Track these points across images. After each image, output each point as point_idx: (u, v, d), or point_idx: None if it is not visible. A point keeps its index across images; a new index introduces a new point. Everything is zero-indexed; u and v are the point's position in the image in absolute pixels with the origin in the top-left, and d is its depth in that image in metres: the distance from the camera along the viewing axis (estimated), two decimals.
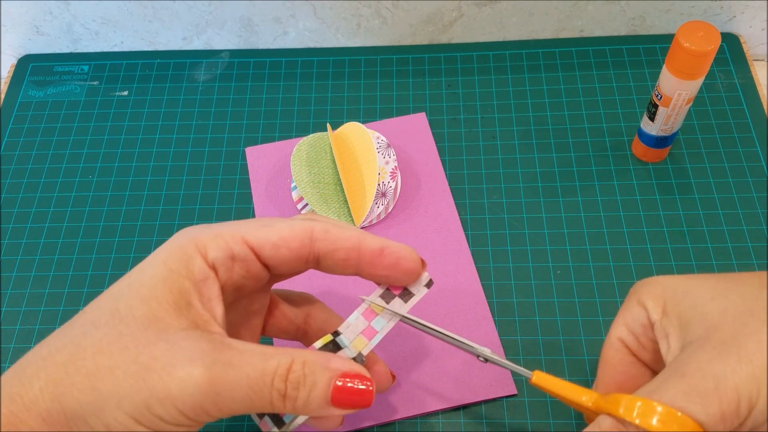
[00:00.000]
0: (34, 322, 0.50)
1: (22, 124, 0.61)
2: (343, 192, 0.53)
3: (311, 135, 0.56)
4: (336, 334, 0.37)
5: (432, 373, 0.46)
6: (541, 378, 0.36)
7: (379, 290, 0.38)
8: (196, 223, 0.54)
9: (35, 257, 0.53)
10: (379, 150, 0.55)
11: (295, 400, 0.31)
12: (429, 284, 0.38)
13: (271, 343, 0.47)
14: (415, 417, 0.45)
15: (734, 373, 0.25)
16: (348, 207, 0.53)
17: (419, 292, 0.38)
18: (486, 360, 0.38)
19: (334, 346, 0.36)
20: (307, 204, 0.54)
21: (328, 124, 0.57)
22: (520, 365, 0.37)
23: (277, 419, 0.35)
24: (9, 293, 0.52)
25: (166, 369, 0.28)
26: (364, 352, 0.36)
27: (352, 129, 0.56)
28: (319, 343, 0.36)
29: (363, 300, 0.38)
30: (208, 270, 0.32)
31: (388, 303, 0.37)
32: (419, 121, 0.59)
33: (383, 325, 0.37)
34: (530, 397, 0.45)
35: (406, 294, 0.38)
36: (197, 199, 0.56)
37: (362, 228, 0.53)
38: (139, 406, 0.28)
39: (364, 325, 0.37)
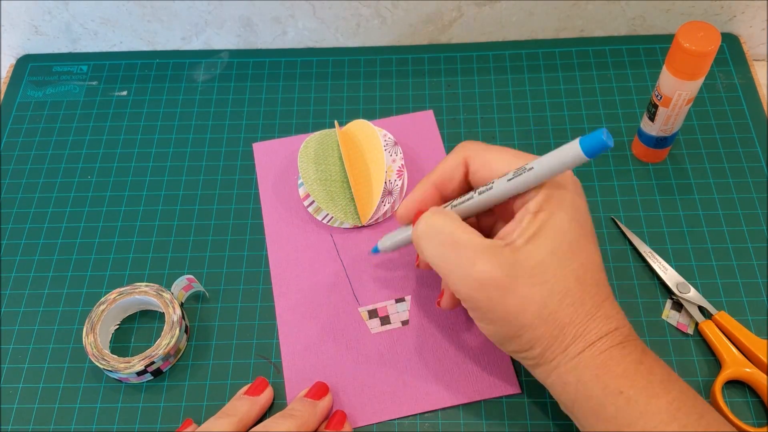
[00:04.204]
0: (33, 323, 0.50)
1: (20, 124, 0.61)
2: (350, 189, 0.53)
3: (319, 132, 0.56)
4: None
5: (435, 371, 0.46)
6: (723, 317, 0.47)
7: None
8: (195, 224, 0.54)
9: (34, 258, 0.53)
10: (386, 148, 0.54)
11: None
12: None
13: None
14: (415, 415, 0.45)
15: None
16: (355, 204, 0.53)
17: None
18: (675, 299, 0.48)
19: None
20: (313, 201, 0.54)
21: (335, 122, 0.57)
22: (520, 366, 0.37)
23: None
24: (8, 293, 0.52)
25: None
26: None
27: (360, 126, 0.56)
28: None
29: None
30: None
31: None
32: (426, 119, 0.59)
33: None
34: (530, 398, 0.45)
35: None
36: (196, 199, 0.56)
37: (368, 226, 0.53)
38: None
39: None
